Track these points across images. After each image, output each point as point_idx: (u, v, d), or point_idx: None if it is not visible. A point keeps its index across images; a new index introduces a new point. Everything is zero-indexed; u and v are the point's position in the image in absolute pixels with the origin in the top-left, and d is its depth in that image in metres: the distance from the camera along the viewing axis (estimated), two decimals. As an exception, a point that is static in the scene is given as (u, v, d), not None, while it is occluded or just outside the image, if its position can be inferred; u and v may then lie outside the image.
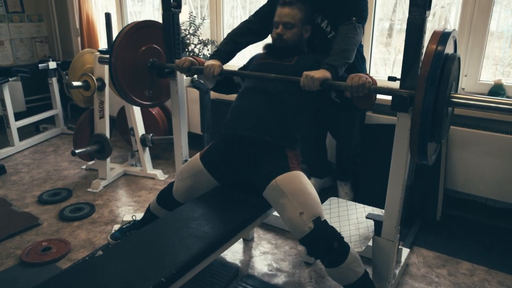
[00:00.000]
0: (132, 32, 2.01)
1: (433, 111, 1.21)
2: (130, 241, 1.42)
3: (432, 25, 2.63)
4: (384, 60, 2.94)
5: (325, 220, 1.53)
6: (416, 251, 2.15)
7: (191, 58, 1.91)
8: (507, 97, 2.33)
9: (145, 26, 2.09)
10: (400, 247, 1.96)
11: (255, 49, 2.38)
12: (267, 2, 2.04)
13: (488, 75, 2.48)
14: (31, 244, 2.17)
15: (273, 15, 1.85)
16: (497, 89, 2.35)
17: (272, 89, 1.76)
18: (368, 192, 2.51)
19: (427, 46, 1.23)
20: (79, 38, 4.24)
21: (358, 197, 2.63)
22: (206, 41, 3.36)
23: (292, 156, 1.71)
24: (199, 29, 3.35)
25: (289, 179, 1.60)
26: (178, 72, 2.03)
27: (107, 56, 2.16)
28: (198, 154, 1.84)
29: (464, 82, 2.45)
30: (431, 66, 1.19)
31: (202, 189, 1.79)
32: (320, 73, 1.57)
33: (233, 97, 1.95)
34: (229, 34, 2.00)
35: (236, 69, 2.03)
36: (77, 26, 4.20)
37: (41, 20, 4.40)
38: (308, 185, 1.61)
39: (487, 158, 2.29)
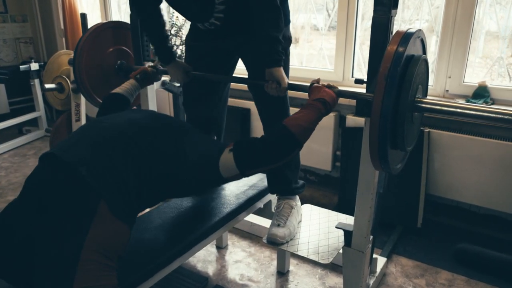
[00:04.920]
0: (98, 33, 1.94)
1: (393, 117, 1.14)
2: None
3: (428, 25, 2.54)
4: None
5: None
6: (394, 259, 2.07)
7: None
8: (491, 99, 2.25)
9: (113, 27, 2.03)
10: (376, 256, 1.88)
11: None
12: None
13: (485, 76, 2.39)
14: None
15: None
16: (481, 91, 2.27)
17: None
18: (351, 198, 2.42)
19: (387, 47, 1.15)
20: (64, 39, 4.17)
21: (341, 204, 2.56)
22: (189, 41, 3.28)
23: None
24: (181, 29, 3.27)
25: None
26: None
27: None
28: None
29: (448, 84, 2.38)
30: (390, 69, 1.11)
31: None
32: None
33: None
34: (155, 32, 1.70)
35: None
36: (62, 26, 4.13)
37: (25, 20, 4.33)
38: None
39: (471, 163, 2.20)
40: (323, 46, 2.89)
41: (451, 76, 2.35)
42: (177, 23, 3.25)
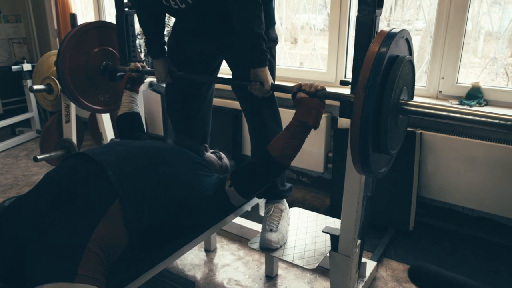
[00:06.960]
0: (82, 33, 1.91)
1: (375, 119, 1.10)
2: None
3: (426, 25, 2.50)
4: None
5: None
6: (385, 263, 2.03)
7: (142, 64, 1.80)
8: (485, 100, 2.22)
9: (98, 27, 1.99)
10: (366, 260, 1.85)
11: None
12: None
13: (479, 77, 2.35)
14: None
15: None
16: (474, 92, 2.23)
17: None
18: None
19: (369, 48, 1.11)
20: (57, 40, 4.14)
21: (333, 206, 2.52)
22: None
23: None
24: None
25: None
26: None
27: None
28: None
29: (441, 85, 2.34)
30: (372, 70, 1.07)
31: None
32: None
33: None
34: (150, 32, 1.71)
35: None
36: (55, 27, 4.10)
37: (19, 21, 4.30)
38: None
39: (463, 165, 2.17)
40: (321, 46, 2.85)
41: (444, 77, 2.32)
42: (169, 23, 3.22)
